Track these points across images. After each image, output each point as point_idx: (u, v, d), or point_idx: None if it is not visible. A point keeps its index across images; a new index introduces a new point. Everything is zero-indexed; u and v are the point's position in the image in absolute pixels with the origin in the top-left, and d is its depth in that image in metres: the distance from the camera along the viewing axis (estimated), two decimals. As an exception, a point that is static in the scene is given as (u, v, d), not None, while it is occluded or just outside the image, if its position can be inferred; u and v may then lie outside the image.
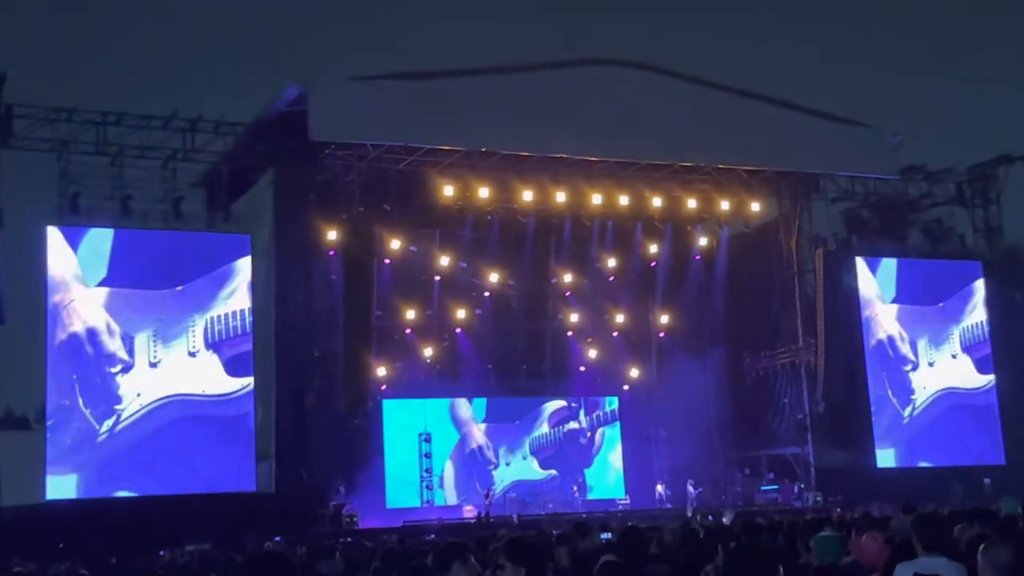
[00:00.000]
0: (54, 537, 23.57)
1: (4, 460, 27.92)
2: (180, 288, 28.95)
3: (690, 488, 33.09)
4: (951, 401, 35.91)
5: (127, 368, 28.30)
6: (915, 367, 35.82)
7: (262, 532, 23.28)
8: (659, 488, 34.33)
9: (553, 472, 35.75)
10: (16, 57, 38.95)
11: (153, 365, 28.53)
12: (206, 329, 29.06)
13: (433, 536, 22.32)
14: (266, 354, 29.64)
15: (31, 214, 28.71)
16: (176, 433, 28.37)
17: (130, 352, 28.37)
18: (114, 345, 28.24)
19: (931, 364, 36.03)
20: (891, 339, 35.65)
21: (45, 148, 28.71)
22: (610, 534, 11.45)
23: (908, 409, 35.35)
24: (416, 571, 8.66)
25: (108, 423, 27.95)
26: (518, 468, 35.42)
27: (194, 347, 28.99)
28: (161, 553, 20.79)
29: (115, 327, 28.26)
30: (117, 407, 28.08)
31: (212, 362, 29.07)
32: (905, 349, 35.80)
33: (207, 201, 30.90)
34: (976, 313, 37.05)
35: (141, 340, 28.45)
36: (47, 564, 19.11)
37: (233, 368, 29.25)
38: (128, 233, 28.73)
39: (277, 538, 21.61)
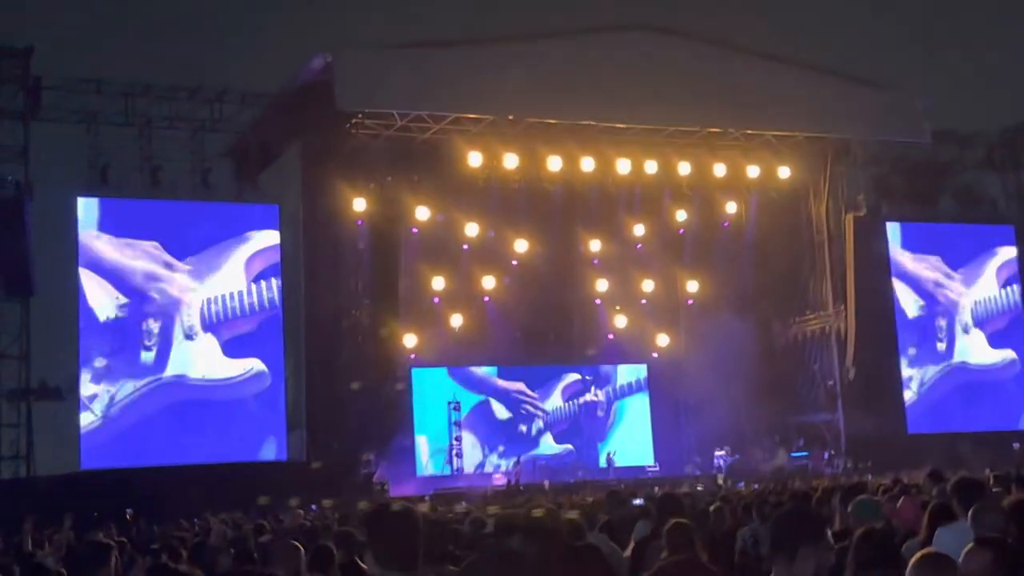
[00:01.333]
0: (88, 506, 23.76)
1: (38, 430, 28.27)
2: (182, 265, 29.13)
3: (724, 456, 33.13)
4: (963, 377, 35.87)
5: (118, 349, 28.46)
6: (924, 342, 35.76)
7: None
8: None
9: (569, 446, 35.69)
10: (43, 29, 39.04)
11: (147, 348, 28.69)
12: (202, 310, 29.20)
13: (464, 504, 22.39)
14: (295, 324, 29.81)
15: (61, 186, 28.95)
16: (173, 417, 28.62)
17: (129, 333, 28.54)
18: (106, 325, 28.43)
19: (940, 339, 35.93)
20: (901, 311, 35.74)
21: (74, 120, 28.88)
22: (642, 500, 11.48)
23: (916, 384, 35.36)
24: (451, 537, 8.70)
25: (100, 407, 28.19)
26: (533, 441, 35.45)
27: (191, 329, 29.11)
28: (196, 521, 20.92)
29: (108, 305, 28.43)
30: (110, 388, 28.29)
31: (210, 344, 29.25)
32: (918, 320, 35.80)
33: (235, 172, 31.01)
34: (989, 286, 36.82)
35: (139, 322, 28.63)
36: (82, 532, 19.28)
37: (233, 350, 29.43)
38: (116, 205, 28.90)
39: (313, 507, 21.75)
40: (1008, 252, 37.16)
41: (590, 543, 5.52)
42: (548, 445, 35.53)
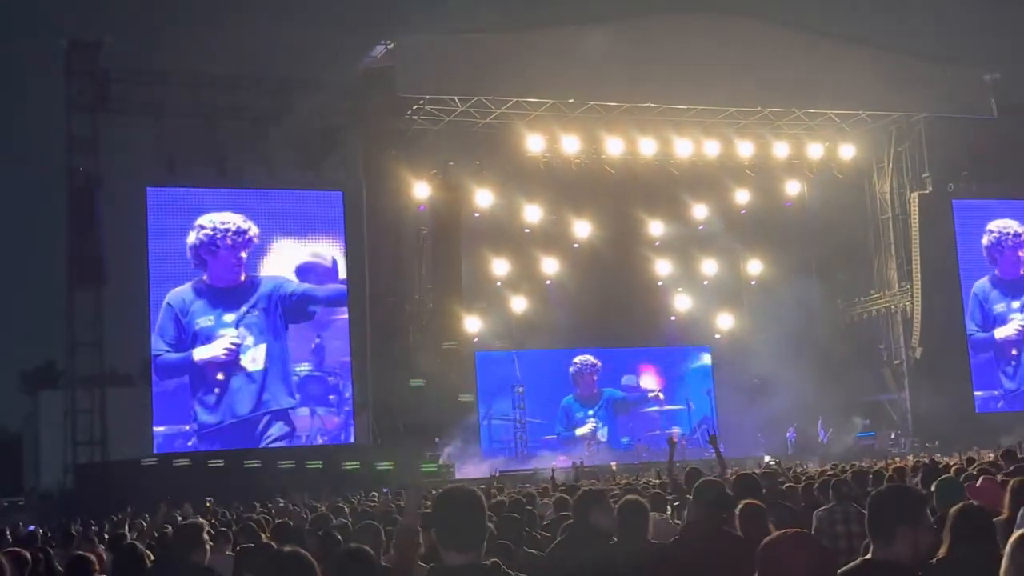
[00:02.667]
0: (162, 490, 24.20)
1: (111, 416, 28.83)
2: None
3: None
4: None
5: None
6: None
7: (361, 483, 23.72)
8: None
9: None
10: (111, 23, 39.68)
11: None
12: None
13: (529, 486, 22.48)
14: (360, 310, 30.11)
15: (130, 176, 29.50)
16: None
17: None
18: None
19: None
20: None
21: (141, 111, 29.37)
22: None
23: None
24: (522, 521, 8.81)
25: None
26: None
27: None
28: (270, 505, 21.24)
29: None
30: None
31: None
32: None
33: (299, 160, 31.34)
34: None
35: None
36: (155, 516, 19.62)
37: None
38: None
39: (386, 489, 21.99)
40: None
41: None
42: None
